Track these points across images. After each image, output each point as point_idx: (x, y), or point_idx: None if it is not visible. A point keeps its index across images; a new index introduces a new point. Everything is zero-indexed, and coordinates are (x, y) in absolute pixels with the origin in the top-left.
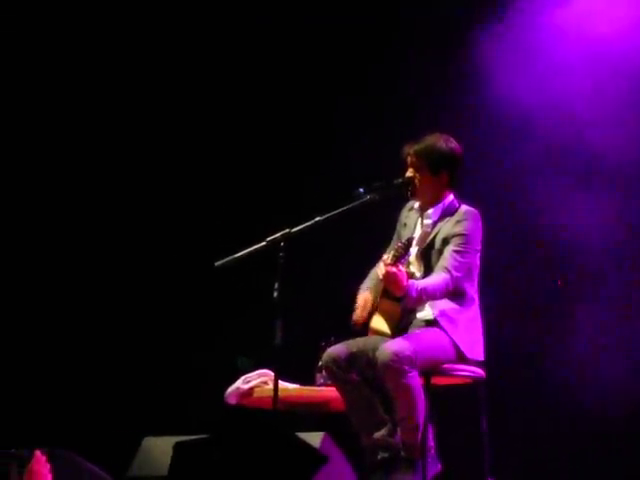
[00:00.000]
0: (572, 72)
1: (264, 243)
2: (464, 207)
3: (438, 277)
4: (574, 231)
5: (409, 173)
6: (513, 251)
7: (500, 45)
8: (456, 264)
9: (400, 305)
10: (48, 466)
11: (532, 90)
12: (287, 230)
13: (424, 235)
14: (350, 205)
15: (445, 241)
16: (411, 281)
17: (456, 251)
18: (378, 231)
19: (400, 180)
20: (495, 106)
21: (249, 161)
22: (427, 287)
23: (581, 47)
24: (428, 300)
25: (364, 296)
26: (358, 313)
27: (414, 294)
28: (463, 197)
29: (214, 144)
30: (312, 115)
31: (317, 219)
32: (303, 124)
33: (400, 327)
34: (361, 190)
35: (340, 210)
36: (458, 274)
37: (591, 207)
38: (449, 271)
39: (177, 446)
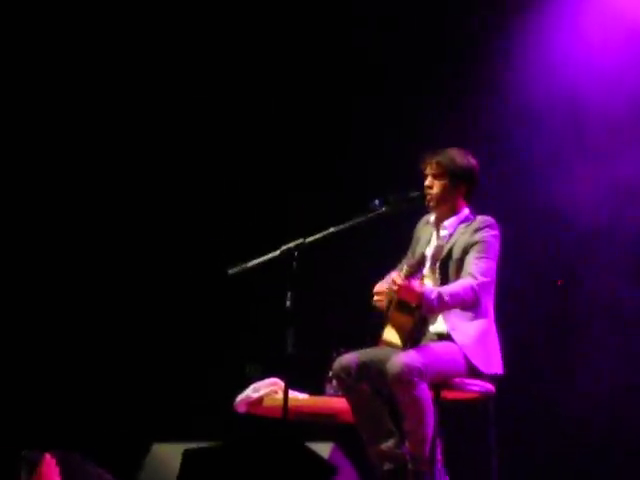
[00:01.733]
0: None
1: (278, 252)
2: (481, 217)
3: (463, 281)
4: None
5: (427, 182)
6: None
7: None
8: (481, 269)
9: (413, 318)
10: (57, 469)
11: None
12: (301, 240)
13: (440, 247)
14: (365, 217)
15: (465, 250)
16: (427, 287)
17: (478, 257)
18: (393, 243)
19: (417, 193)
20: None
21: (266, 169)
22: (450, 290)
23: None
24: (454, 303)
25: (380, 286)
26: (376, 298)
27: (432, 296)
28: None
29: (232, 151)
30: (330, 124)
31: (331, 230)
32: (321, 133)
33: (412, 340)
34: (377, 202)
35: (355, 221)
36: (484, 278)
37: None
38: (474, 276)
39: (186, 453)
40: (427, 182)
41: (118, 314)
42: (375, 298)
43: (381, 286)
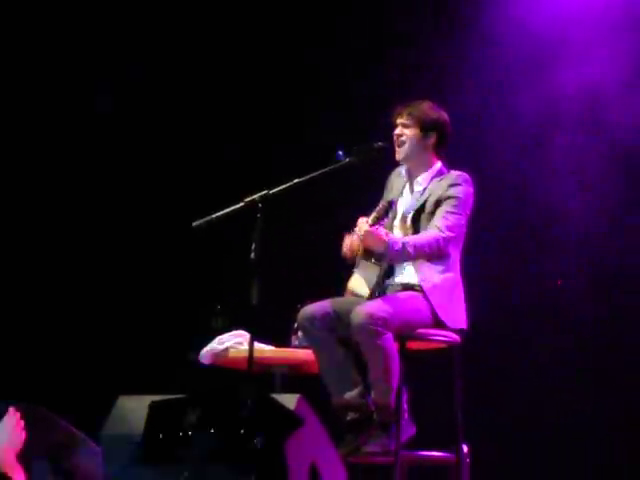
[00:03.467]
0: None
1: (242, 204)
2: (455, 172)
3: (428, 233)
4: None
5: (397, 131)
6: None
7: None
8: (449, 224)
9: (379, 268)
10: (22, 422)
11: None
12: (265, 191)
13: (414, 201)
14: (329, 168)
15: (437, 203)
16: (392, 235)
17: (449, 212)
18: (363, 195)
19: (382, 143)
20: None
21: (229, 120)
22: (414, 241)
23: None
24: (417, 255)
25: (349, 238)
26: (344, 251)
27: (397, 247)
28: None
29: (194, 104)
30: (295, 72)
31: (295, 181)
32: (286, 82)
33: (378, 290)
34: (340, 153)
35: (319, 172)
36: (451, 233)
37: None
38: (441, 230)
39: (152, 405)
40: (397, 131)
41: (83, 266)
42: (344, 249)
43: (351, 237)
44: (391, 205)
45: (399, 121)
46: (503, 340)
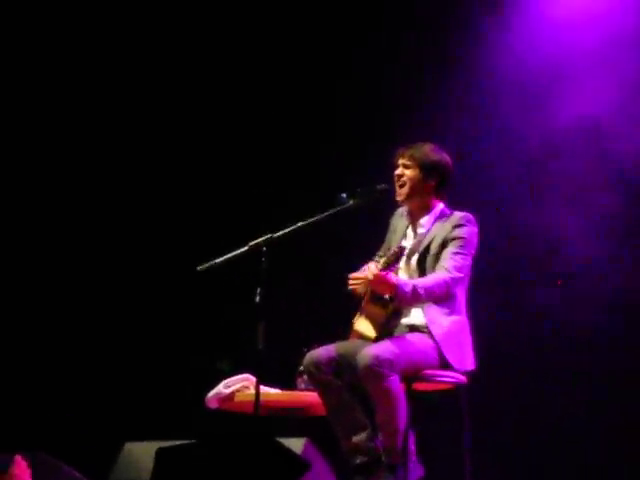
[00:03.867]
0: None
1: (246, 248)
2: (459, 213)
3: (437, 275)
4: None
5: (398, 171)
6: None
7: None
8: (457, 264)
9: (385, 310)
10: (29, 471)
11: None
12: (269, 235)
13: (418, 243)
14: (332, 210)
15: (443, 245)
16: (401, 279)
17: (455, 252)
18: (364, 238)
19: (384, 185)
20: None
21: (234, 166)
22: (423, 283)
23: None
24: (427, 298)
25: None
26: (351, 282)
27: (407, 289)
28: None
29: (200, 148)
30: (297, 121)
31: (299, 224)
32: (288, 129)
33: (385, 331)
34: (344, 195)
35: (322, 215)
36: (459, 274)
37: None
38: (449, 270)
39: (159, 452)
40: (397, 171)
41: (88, 311)
42: (351, 282)
43: (357, 274)
44: (402, 251)
45: (400, 162)
46: (511, 378)
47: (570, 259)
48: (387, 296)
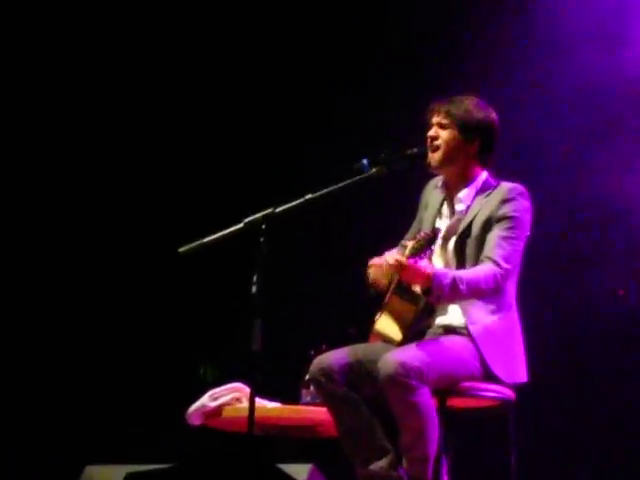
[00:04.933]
0: None
1: (241, 225)
2: (507, 184)
3: (484, 268)
4: None
5: (432, 132)
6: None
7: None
8: (505, 254)
9: (416, 306)
10: None
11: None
12: (270, 209)
13: (456, 222)
14: (351, 180)
15: (487, 225)
16: (439, 268)
17: (504, 237)
18: (391, 216)
19: (416, 149)
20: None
21: (223, 126)
22: (468, 277)
23: None
24: (469, 295)
25: (380, 261)
26: (372, 270)
27: (445, 281)
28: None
29: (179, 112)
30: (313, 66)
31: (308, 197)
32: (298, 75)
33: (414, 333)
34: (365, 162)
35: (338, 186)
36: (508, 266)
37: None
38: (497, 263)
39: (128, 477)
40: (431, 132)
41: (50, 312)
42: (371, 270)
43: (380, 260)
44: (436, 234)
45: (435, 120)
46: (568, 389)
47: None
48: (418, 289)
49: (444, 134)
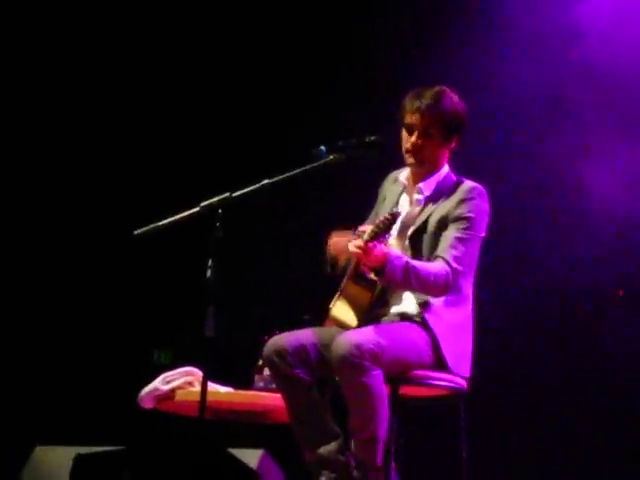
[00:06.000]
0: None
1: (197, 209)
2: (468, 183)
3: (438, 266)
4: None
5: (414, 139)
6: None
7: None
8: (459, 254)
9: (371, 292)
10: None
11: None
12: (227, 194)
13: (412, 215)
14: (308, 166)
15: (442, 223)
16: (395, 252)
17: (459, 238)
18: (348, 202)
19: (373, 138)
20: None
21: (182, 111)
22: (421, 269)
23: None
24: (418, 284)
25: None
26: (329, 252)
27: (397, 263)
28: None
29: (137, 96)
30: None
31: (265, 182)
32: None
33: (369, 320)
34: (323, 148)
35: (295, 172)
36: (460, 267)
37: None
38: (449, 263)
39: (78, 458)
40: (413, 138)
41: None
42: (331, 245)
43: (339, 237)
44: (395, 218)
45: (414, 121)
46: (511, 384)
47: None
48: (373, 276)
49: (430, 144)
